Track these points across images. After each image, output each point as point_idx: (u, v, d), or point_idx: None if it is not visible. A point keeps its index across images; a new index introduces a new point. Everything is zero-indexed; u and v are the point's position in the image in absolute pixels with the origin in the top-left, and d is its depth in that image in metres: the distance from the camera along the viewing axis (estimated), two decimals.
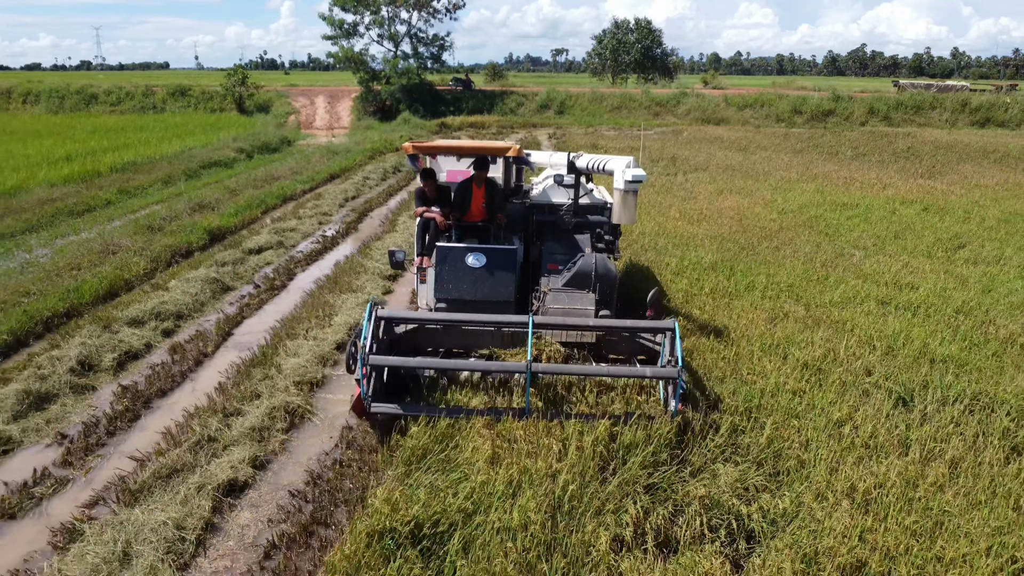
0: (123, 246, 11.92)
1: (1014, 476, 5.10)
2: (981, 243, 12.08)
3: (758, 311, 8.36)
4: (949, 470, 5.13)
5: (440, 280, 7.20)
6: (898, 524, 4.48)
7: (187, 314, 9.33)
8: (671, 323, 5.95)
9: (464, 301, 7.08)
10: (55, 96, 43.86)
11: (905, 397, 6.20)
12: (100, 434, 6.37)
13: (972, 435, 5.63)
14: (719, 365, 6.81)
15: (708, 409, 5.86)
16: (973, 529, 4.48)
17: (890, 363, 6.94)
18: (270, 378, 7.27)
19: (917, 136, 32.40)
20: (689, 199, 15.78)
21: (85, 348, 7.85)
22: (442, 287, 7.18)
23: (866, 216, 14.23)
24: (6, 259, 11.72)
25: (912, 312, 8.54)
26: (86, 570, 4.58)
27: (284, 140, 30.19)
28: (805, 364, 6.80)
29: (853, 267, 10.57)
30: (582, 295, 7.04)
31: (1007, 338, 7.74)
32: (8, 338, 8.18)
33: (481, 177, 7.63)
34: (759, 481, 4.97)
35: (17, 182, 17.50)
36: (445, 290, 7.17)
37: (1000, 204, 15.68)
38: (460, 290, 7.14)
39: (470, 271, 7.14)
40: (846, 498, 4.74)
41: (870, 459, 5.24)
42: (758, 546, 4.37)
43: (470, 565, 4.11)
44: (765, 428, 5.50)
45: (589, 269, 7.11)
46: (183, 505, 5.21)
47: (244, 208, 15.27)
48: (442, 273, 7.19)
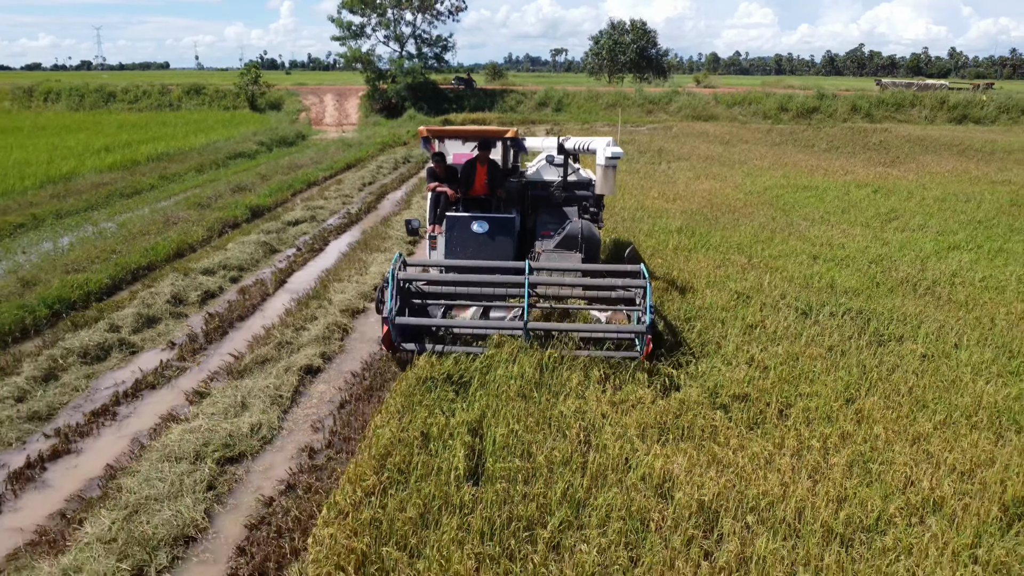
0: (182, 218, 14.01)
1: (872, 355, 7.18)
2: (913, 216, 14.16)
3: (709, 260, 10.44)
4: (825, 351, 7.21)
5: (450, 244, 8.32)
6: (777, 376, 6.55)
7: (247, 267, 11.41)
8: (639, 267, 7.17)
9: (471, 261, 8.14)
10: (75, 94, 45.89)
11: (806, 310, 8.29)
12: (201, 342, 8.44)
13: (849, 333, 7.71)
14: (673, 294, 8.88)
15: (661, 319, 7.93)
16: (830, 382, 6.55)
17: (802, 292, 9.03)
18: (323, 307, 9.34)
19: (892, 131, 34.47)
20: (668, 183, 17.86)
21: (174, 287, 9.93)
22: (451, 250, 8.30)
23: (821, 196, 16.31)
24: (82, 229, 13.79)
25: (835, 263, 10.62)
26: (218, 411, 6.63)
27: (299, 135, 32.27)
28: (737, 293, 8.89)
29: (798, 233, 12.64)
30: (571, 254, 8.24)
31: (902, 278, 9.83)
32: (108, 281, 10.25)
33: (484, 157, 8.77)
34: (687, 358, 7.03)
35: (70, 169, 19.57)
36: (454, 253, 8.27)
37: (943, 187, 17.76)
38: (467, 253, 8.20)
39: (475, 236, 8.26)
40: (745, 363, 6.82)
41: (769, 344, 7.31)
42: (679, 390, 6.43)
43: (486, 396, 6.17)
44: (696, 325, 7.59)
45: (576, 232, 8.31)
46: (277, 378, 7.28)
47: (276, 190, 17.35)
48: (451, 238, 8.31)
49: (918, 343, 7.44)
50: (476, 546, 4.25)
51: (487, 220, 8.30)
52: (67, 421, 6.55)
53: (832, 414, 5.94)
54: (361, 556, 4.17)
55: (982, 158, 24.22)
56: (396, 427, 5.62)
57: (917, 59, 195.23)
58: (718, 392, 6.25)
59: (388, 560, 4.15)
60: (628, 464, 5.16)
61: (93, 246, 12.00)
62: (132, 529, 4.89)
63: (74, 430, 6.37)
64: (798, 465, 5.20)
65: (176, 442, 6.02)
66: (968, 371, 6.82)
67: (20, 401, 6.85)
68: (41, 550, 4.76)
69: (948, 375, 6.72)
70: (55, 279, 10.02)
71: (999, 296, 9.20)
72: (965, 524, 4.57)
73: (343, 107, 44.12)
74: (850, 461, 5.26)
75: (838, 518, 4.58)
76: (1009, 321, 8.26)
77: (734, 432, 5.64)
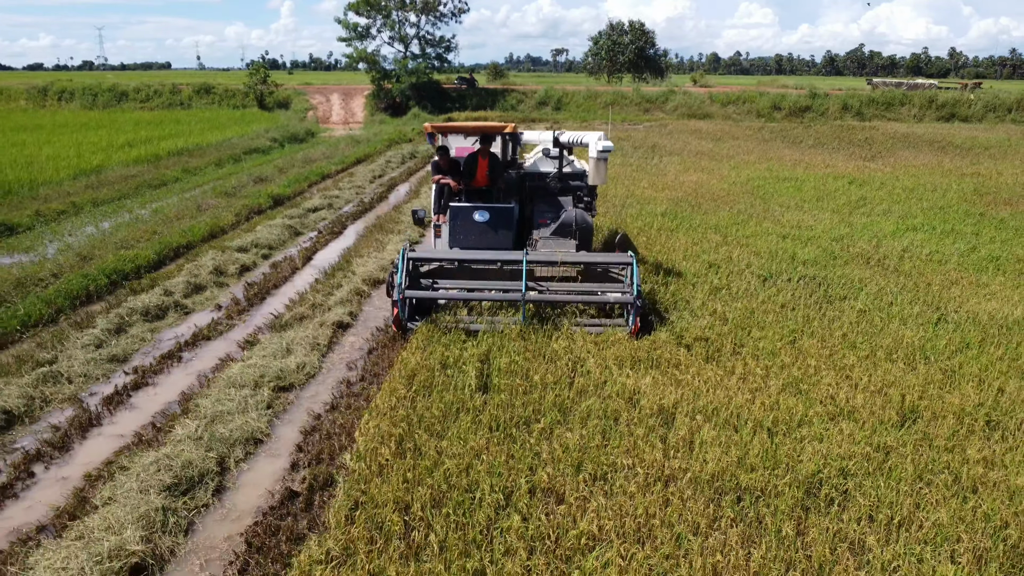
0: (211, 204, 15.32)
1: (817, 310, 8.47)
2: (880, 203, 15.45)
3: (688, 238, 11.74)
4: (778, 307, 8.51)
5: (453, 233, 8.86)
6: (734, 324, 7.85)
7: (275, 246, 12.72)
8: (628, 256, 7.85)
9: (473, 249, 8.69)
10: (88, 94, 47.24)
11: (767, 277, 9.59)
12: (243, 305, 9.74)
13: (800, 294, 9.00)
14: (653, 264, 10.18)
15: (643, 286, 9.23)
16: (777, 328, 7.84)
17: (766, 263, 10.32)
18: (347, 277, 10.64)
19: (880, 129, 35.74)
20: (658, 175, 19.15)
21: (215, 261, 11.24)
22: (455, 238, 8.84)
23: (800, 186, 17.59)
24: (119, 215, 15.10)
25: (800, 241, 11.91)
26: (267, 354, 7.92)
27: (308, 132, 33.59)
28: (709, 263, 10.19)
29: (772, 217, 13.93)
30: (565, 241, 8.83)
31: (858, 253, 11.13)
32: (155, 256, 11.55)
33: (485, 150, 9.31)
34: (661, 309, 8.33)
35: (99, 162, 20.89)
36: (457, 240, 8.82)
37: (915, 178, 19.04)
38: (469, 241, 8.74)
39: (477, 225, 8.78)
40: (708, 315, 8.12)
41: (730, 301, 8.61)
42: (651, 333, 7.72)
43: (492, 337, 7.46)
44: (670, 287, 8.89)
45: (571, 220, 8.90)
46: (314, 331, 8.58)
47: (294, 181, 18.65)
48: (455, 227, 8.85)
49: (858, 301, 8.74)
50: (486, 433, 5.55)
51: (488, 210, 8.84)
52: (141, 363, 7.85)
53: (776, 351, 7.23)
54: (398, 438, 5.47)
55: (959, 153, 25.49)
56: (420, 357, 6.92)
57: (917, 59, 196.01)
58: (683, 335, 7.54)
59: (419, 440, 5.45)
60: (605, 383, 6.45)
61: (135, 228, 13.31)
62: (213, 432, 6.19)
63: (148, 369, 7.67)
64: (742, 386, 6.49)
65: (237, 375, 7.33)
66: (896, 321, 8.12)
67: (99, 347, 8.15)
68: (142, 447, 6.05)
69: (878, 324, 8.02)
70: (109, 254, 11.34)
71: (940, 267, 10.50)
72: (868, 424, 5.86)
73: (349, 106, 45.44)
74: (785, 383, 6.55)
75: (768, 418, 5.87)
76: (943, 285, 9.55)
77: (693, 363, 6.93)
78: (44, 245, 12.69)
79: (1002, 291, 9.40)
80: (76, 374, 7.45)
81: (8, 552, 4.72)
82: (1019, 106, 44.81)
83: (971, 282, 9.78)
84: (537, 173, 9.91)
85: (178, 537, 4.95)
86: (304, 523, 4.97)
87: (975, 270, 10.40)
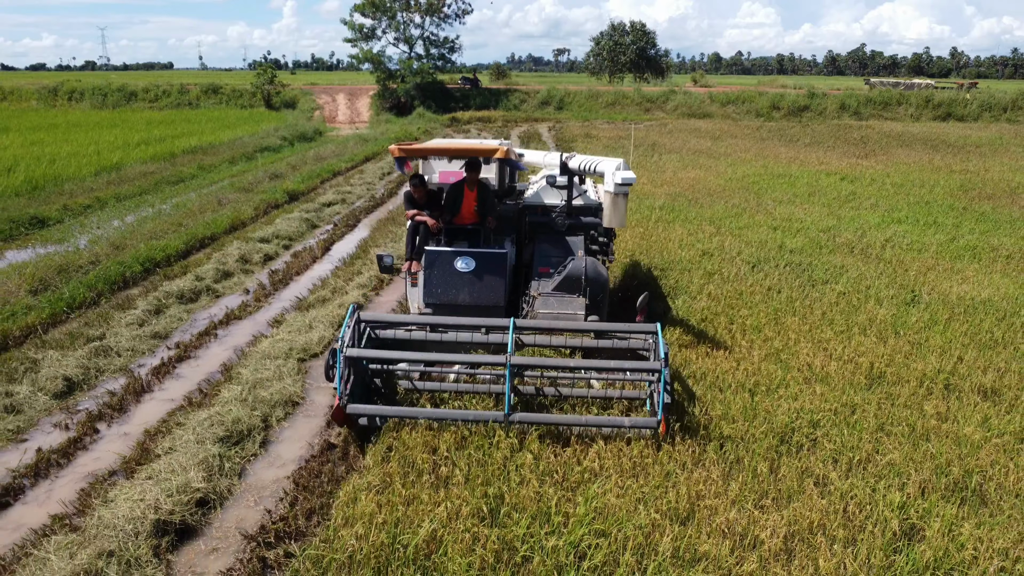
0: (230, 199, 16.08)
1: (801, 292, 9.19)
2: (868, 198, 16.17)
3: (684, 229, 12.48)
4: (765, 289, 9.24)
5: (429, 284, 7.08)
6: (726, 304, 8.58)
7: (295, 238, 13.48)
8: (654, 326, 5.98)
9: (453, 306, 6.96)
10: (98, 94, 48.06)
11: (756, 263, 10.32)
12: (268, 289, 10.49)
13: (786, 278, 9.74)
14: (651, 253, 10.91)
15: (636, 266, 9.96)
16: (763, 308, 8.56)
17: (756, 251, 11.06)
18: (365, 265, 11.39)
19: (875, 128, 36.44)
20: (657, 172, 19.88)
21: (240, 251, 11.99)
22: (431, 291, 7.07)
23: (793, 182, 18.31)
24: (142, 210, 15.84)
25: (790, 232, 12.64)
26: (293, 330, 8.66)
27: (316, 131, 34.34)
28: (703, 251, 10.92)
29: (765, 211, 14.65)
30: (572, 299, 6.98)
31: (843, 243, 11.86)
32: (183, 246, 12.30)
33: (473, 179, 7.51)
34: (665, 294, 9.06)
35: (118, 160, 21.65)
36: (434, 295, 7.06)
37: (905, 175, 19.75)
38: (449, 295, 7.02)
39: (459, 275, 7.00)
40: (704, 297, 8.85)
41: (723, 285, 9.35)
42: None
43: None
44: (668, 273, 9.63)
45: (579, 273, 7.01)
46: (333, 310, 9.31)
47: (307, 177, 19.41)
48: (431, 277, 7.07)
49: (839, 284, 9.48)
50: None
51: (473, 256, 7.05)
52: (181, 339, 8.60)
53: (760, 327, 7.96)
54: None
55: (951, 151, 26.19)
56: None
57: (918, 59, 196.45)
58: (687, 315, 8.28)
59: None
60: None
61: (162, 221, 14.06)
62: (255, 395, 6.94)
63: (189, 344, 8.41)
64: (728, 355, 7.22)
65: (269, 348, 8.08)
66: (872, 302, 8.85)
67: (141, 326, 8.89)
68: (193, 407, 6.79)
69: (856, 304, 8.75)
70: (140, 244, 12.09)
71: (919, 255, 11.22)
72: (838, 386, 6.59)
73: (354, 105, 46.22)
74: (767, 353, 7.29)
75: (749, 381, 6.60)
76: (919, 271, 10.28)
77: (688, 338, 7.67)
78: (75, 237, 13.42)
79: (975, 276, 10.13)
80: (124, 348, 8.20)
81: (88, 489, 5.46)
82: (1014, 105, 45.50)
83: (946, 268, 10.51)
84: (539, 205, 8.06)
85: (233, 479, 5.69)
86: (343, 468, 5.72)
87: (952, 258, 11.13)
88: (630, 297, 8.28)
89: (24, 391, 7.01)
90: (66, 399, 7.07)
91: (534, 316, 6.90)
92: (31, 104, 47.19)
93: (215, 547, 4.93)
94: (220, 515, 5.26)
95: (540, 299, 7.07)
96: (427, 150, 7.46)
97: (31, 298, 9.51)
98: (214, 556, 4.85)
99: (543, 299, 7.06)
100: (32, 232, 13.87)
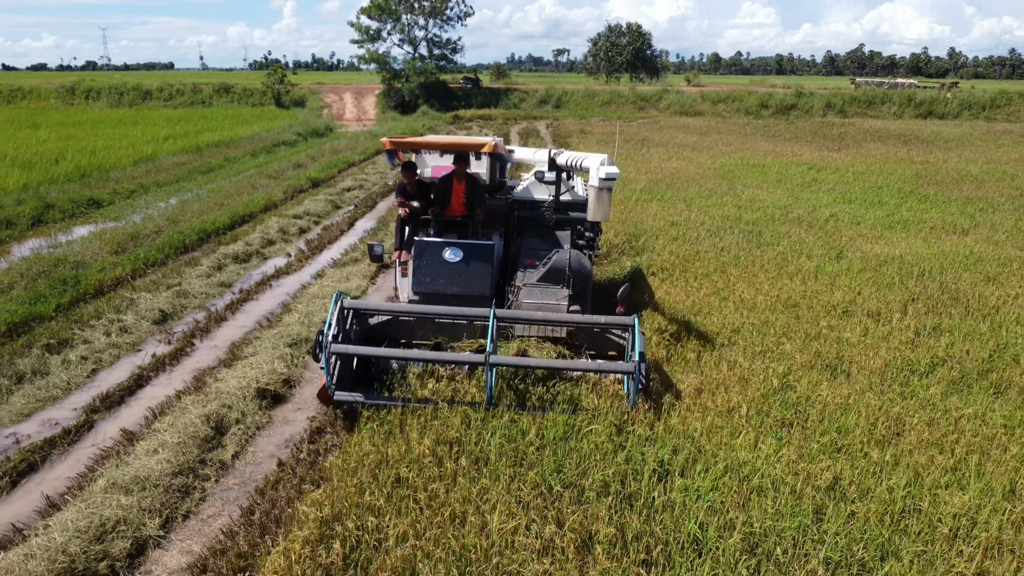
0: (262, 184, 18.12)
1: (747, 252, 11.19)
2: (828, 183, 18.17)
3: (658, 207, 14.50)
4: (719, 250, 11.24)
5: (417, 274, 7.27)
6: (683, 259, 10.60)
7: (323, 215, 15.51)
8: (631, 319, 6.21)
9: (441, 295, 7.18)
10: (114, 93, 50.08)
11: (714, 231, 12.35)
12: (307, 253, 12.50)
13: (739, 241, 11.74)
14: (627, 224, 12.93)
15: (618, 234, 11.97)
16: (714, 262, 10.57)
17: (716, 223, 13.08)
18: (385, 237, 13.40)
19: (856, 125, 38.45)
20: (643, 163, 21.90)
21: (278, 224, 14.03)
22: (419, 281, 7.27)
23: (765, 171, 20.32)
24: (183, 194, 17.86)
25: (750, 208, 14.65)
26: (333, 280, 10.66)
27: (327, 128, 36.40)
28: (671, 222, 12.95)
29: (733, 193, 16.66)
30: (555, 290, 7.29)
31: (794, 217, 13.88)
32: (228, 221, 14.33)
33: (462, 172, 7.71)
34: (636, 251, 11.07)
35: (151, 152, 23.69)
36: (422, 284, 7.26)
37: (868, 165, 21.76)
38: (437, 284, 7.21)
39: (447, 265, 7.19)
40: (668, 254, 10.87)
41: (684, 245, 11.36)
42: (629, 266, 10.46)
43: None
44: (640, 237, 11.66)
45: (563, 264, 7.34)
46: (364, 268, 11.33)
47: (326, 167, 21.45)
48: (419, 267, 7.27)
49: (780, 246, 11.50)
50: None
51: (461, 247, 7.29)
52: (243, 287, 10.62)
53: (709, 274, 9.98)
54: None
55: (921, 145, 28.20)
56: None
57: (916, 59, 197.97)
58: (650, 266, 10.31)
59: None
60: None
61: (205, 201, 16.10)
62: (310, 319, 8.95)
63: (250, 291, 10.43)
64: (683, 293, 9.23)
65: (316, 291, 10.11)
66: (803, 257, 10.87)
67: (208, 277, 10.91)
68: (263, 329, 8.79)
69: (790, 260, 10.77)
70: (193, 219, 14.12)
71: (855, 227, 13.24)
72: (761, 310, 8.59)
73: (361, 104, 48.27)
74: (711, 291, 9.30)
75: (694, 307, 8.61)
76: (851, 237, 12.30)
77: (654, 282, 9.69)
78: (129, 215, 15.43)
79: (897, 241, 12.14)
80: (198, 292, 10.22)
81: (199, 376, 7.47)
82: (992, 104, 47.49)
83: (876, 236, 12.53)
84: (529, 201, 8.47)
85: (303, 369, 7.71)
86: None
87: (884, 228, 13.15)
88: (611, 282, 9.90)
89: (130, 319, 9.03)
90: (162, 325, 9.08)
91: (518, 305, 7.22)
92: (51, 102, 49.21)
93: (298, 407, 6.96)
94: (299, 390, 7.28)
95: (525, 289, 7.38)
96: (418, 144, 7.74)
97: (114, 257, 11.54)
98: (299, 412, 6.87)
99: (528, 289, 7.38)
100: (91, 211, 15.89)
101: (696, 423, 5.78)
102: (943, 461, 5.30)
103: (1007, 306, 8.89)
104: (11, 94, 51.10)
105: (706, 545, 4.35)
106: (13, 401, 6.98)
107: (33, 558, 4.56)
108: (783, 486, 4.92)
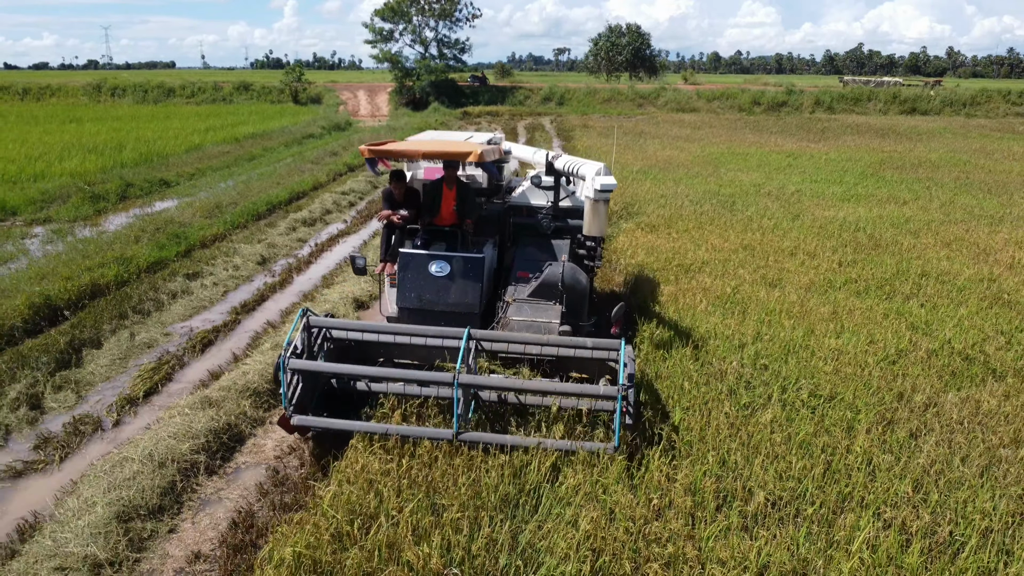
0: (306, 169, 20.80)
1: (721, 215, 13.84)
2: (800, 168, 20.81)
3: (650, 183, 17.16)
4: (698, 213, 13.89)
5: (402, 287, 6.85)
6: (669, 219, 13.25)
7: (364, 193, 18.21)
8: (618, 343, 5.74)
9: (426, 311, 6.79)
10: (139, 90, 52.77)
11: (695, 201, 15.01)
12: (360, 220, 15.15)
13: (715, 207, 14.39)
14: (624, 197, 15.58)
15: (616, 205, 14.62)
16: (695, 220, 13.21)
17: (698, 195, 15.74)
18: None
19: (840, 120, 41.08)
20: (640, 151, 24.55)
21: (332, 198, 16.70)
22: (404, 295, 6.84)
23: (747, 159, 22.96)
24: (237, 176, 20.50)
25: (728, 186, 17.29)
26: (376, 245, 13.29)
27: (347, 122, 39.05)
28: (660, 195, 15.61)
29: (716, 176, 19.30)
30: (547, 307, 6.71)
31: (765, 192, 16.53)
32: (287, 196, 16.98)
33: (452, 178, 7.17)
34: (629, 212, 13.72)
35: (198, 142, 26.36)
36: (407, 299, 6.84)
37: (840, 154, 24.40)
38: (423, 299, 6.79)
39: (433, 279, 6.75)
40: (656, 216, 13.52)
41: (670, 209, 14.02)
42: (624, 223, 13.10)
43: None
44: (633, 205, 14.34)
45: (555, 279, 6.69)
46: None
47: (357, 155, 24.07)
48: (404, 280, 6.83)
49: (748, 211, 14.15)
50: None
51: (448, 260, 6.81)
52: (316, 242, 13.26)
53: (688, 230, 12.62)
54: None
55: (894, 137, 30.83)
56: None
57: (915, 58, 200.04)
58: (640, 224, 12.97)
59: None
60: None
61: (263, 181, 18.75)
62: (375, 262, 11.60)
63: (323, 245, 13.06)
64: (666, 241, 11.86)
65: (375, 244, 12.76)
66: (765, 219, 13.52)
67: (288, 235, 13.55)
68: (343, 266, 11.43)
69: (754, 221, 13.41)
70: (260, 194, 16.77)
71: (815, 200, 15.88)
72: (725, 251, 11.22)
73: (374, 101, 50.95)
74: (689, 241, 11.93)
75: (673, 250, 11.25)
76: (808, 206, 14.94)
77: (644, 234, 12.34)
78: (195, 192, 18.05)
79: (846, 208, 14.78)
80: (283, 245, 12.87)
81: (307, 295, 10.11)
82: (973, 101, 50.15)
83: (830, 206, 15.17)
84: (525, 206, 7.89)
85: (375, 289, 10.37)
86: None
87: (839, 200, 15.79)
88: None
89: (238, 260, 11.68)
90: (263, 266, 11.73)
91: (506, 323, 6.68)
92: (79, 99, 51.86)
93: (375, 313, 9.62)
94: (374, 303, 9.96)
95: (514, 305, 6.79)
96: (398, 152, 6.74)
97: (207, 220, 14.19)
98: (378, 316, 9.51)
99: (517, 305, 6.78)
100: (163, 190, 18.53)
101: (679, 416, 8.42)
102: (833, 327, 7.96)
103: (915, 249, 11.55)
104: (40, 92, 53.78)
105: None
106: (175, 309, 9.64)
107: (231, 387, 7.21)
108: (723, 339, 7.57)
